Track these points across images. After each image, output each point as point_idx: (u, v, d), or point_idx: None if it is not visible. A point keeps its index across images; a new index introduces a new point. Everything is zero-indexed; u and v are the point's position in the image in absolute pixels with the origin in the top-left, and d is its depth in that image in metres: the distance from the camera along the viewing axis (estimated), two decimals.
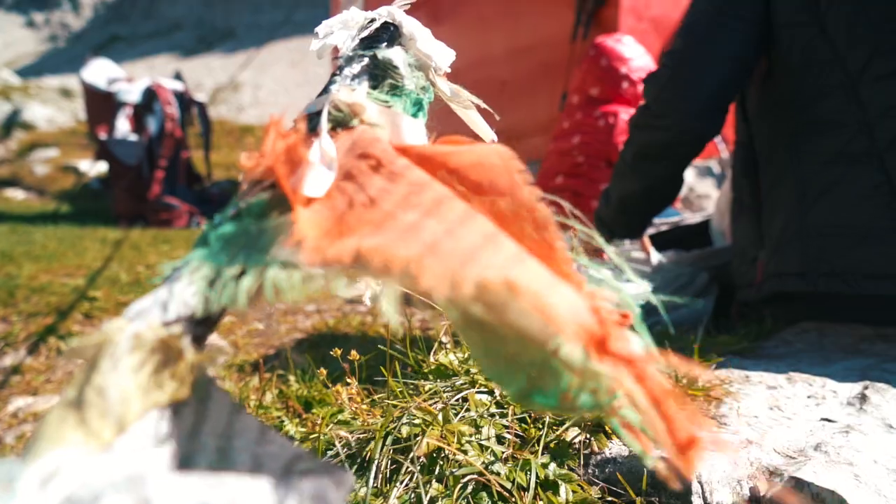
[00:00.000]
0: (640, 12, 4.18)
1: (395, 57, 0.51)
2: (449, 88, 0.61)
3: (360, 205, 0.32)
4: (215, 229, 0.35)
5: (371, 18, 0.58)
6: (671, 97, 1.23)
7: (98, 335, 0.29)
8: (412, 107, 0.52)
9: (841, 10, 1.08)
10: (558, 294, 0.27)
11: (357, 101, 0.43)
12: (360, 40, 0.55)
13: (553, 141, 2.28)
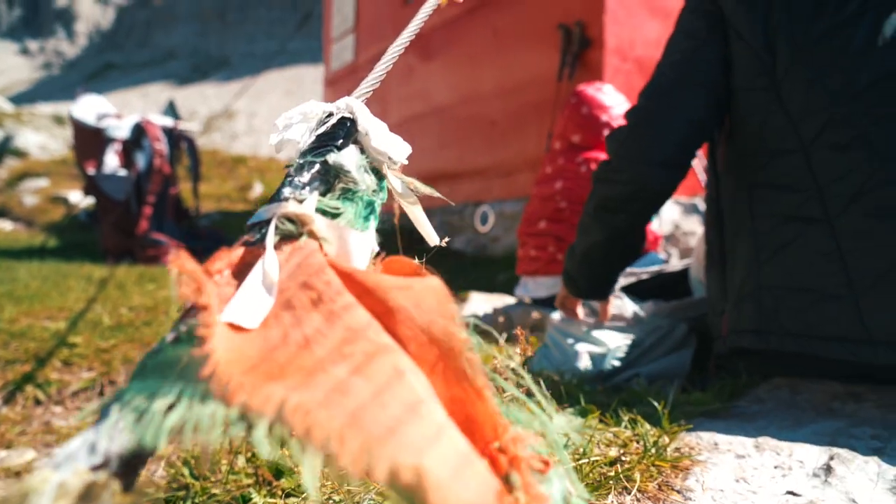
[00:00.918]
0: (624, 53, 4.27)
1: (348, 161, 0.52)
2: (401, 184, 0.62)
3: (294, 343, 0.32)
4: (154, 356, 0.36)
5: (329, 112, 0.60)
6: (629, 153, 1.26)
7: (22, 485, 0.29)
8: (364, 209, 0.53)
9: (797, 80, 1.11)
10: (468, 480, 0.27)
11: (306, 212, 0.44)
12: (317, 136, 0.57)
13: (536, 185, 2.31)
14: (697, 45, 1.26)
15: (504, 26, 4.94)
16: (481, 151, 5.11)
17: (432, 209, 5.67)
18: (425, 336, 0.34)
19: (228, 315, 0.34)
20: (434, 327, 0.34)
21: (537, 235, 2.22)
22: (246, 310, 0.35)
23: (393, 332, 0.34)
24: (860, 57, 1.07)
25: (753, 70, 1.19)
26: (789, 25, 1.15)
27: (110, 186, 4.21)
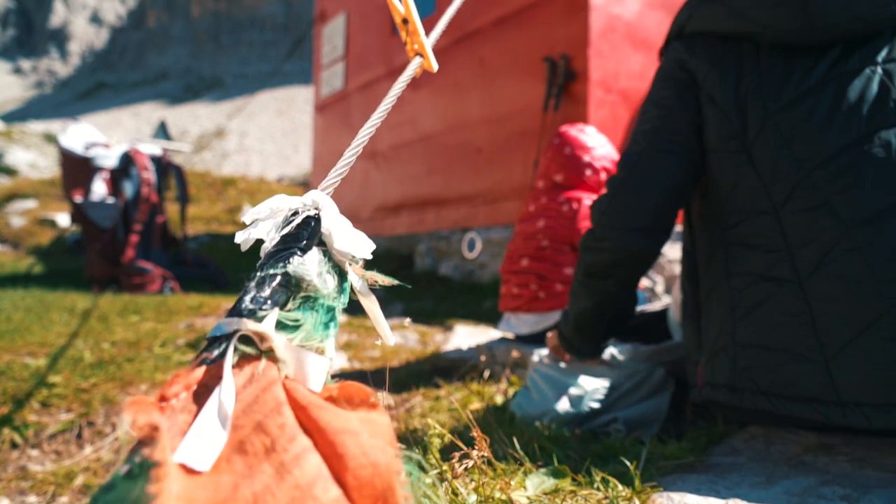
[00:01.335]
0: (608, 85, 4.34)
1: (309, 269, 0.54)
2: (361, 282, 0.63)
3: (243, 500, 0.33)
4: (106, 493, 0.36)
5: (295, 210, 0.61)
6: (611, 222, 1.29)
7: None
8: (325, 315, 0.54)
9: (766, 145, 1.14)
10: None
11: (265, 331, 0.45)
12: (282, 237, 0.58)
13: (519, 223, 2.33)
14: (668, 113, 1.29)
15: (490, 57, 5.01)
16: (468, 178, 5.15)
17: (421, 234, 5.69)
18: (369, 489, 0.35)
19: (181, 455, 0.35)
20: (377, 480, 0.35)
21: (519, 273, 2.24)
22: (199, 449, 0.36)
23: (340, 479, 0.35)
24: (824, 126, 1.10)
25: (726, 133, 1.22)
26: (759, 92, 1.18)
27: (97, 214, 4.21)
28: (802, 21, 1.16)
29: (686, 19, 1.36)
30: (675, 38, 1.39)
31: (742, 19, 1.24)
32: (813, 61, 1.17)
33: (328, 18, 7.37)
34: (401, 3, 1.01)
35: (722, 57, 1.26)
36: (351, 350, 2.73)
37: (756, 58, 1.22)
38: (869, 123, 1.09)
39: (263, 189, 10.76)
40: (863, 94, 1.10)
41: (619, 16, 4.47)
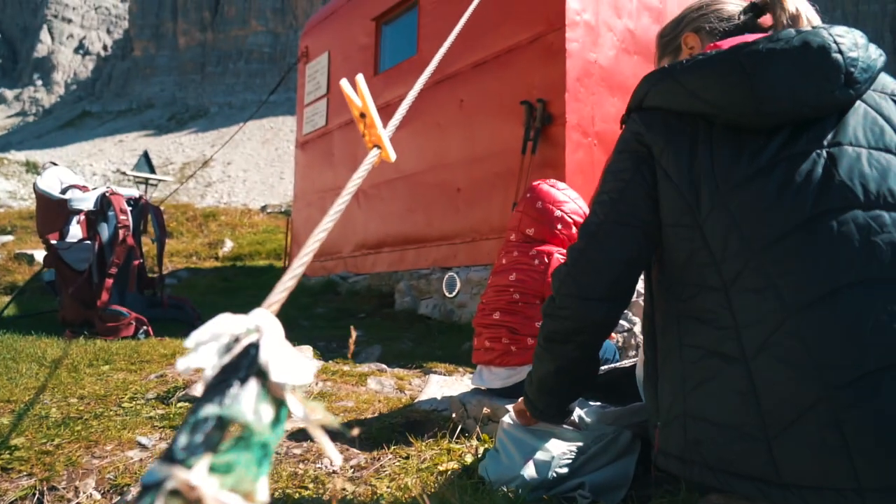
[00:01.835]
0: (585, 129, 4.42)
1: (244, 409, 0.54)
2: (303, 409, 0.64)
3: None
4: None
5: (236, 337, 0.61)
6: (570, 291, 1.31)
7: None
8: (259, 451, 0.54)
9: (717, 223, 1.16)
10: None
11: (195, 481, 0.45)
12: (221, 369, 0.58)
13: (492, 276, 2.35)
14: (625, 186, 1.32)
15: (470, 99, 5.09)
16: (448, 218, 5.18)
17: (401, 272, 5.69)
18: None
19: None
20: None
21: (491, 326, 2.25)
22: None
23: None
24: (771, 207, 1.13)
25: (679, 208, 1.24)
26: (711, 170, 1.21)
27: (72, 256, 4.17)
28: (752, 106, 1.19)
29: (644, 94, 1.39)
30: (635, 110, 1.42)
31: (695, 99, 1.27)
32: (763, 142, 1.20)
33: (311, 56, 7.46)
34: (357, 98, 1.03)
35: (677, 133, 1.29)
36: (324, 400, 2.71)
37: (709, 136, 1.26)
38: (813, 207, 1.11)
39: (245, 222, 10.72)
40: (809, 177, 1.13)
41: (595, 61, 4.58)
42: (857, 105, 1.20)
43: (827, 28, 1.21)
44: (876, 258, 1.07)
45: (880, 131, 1.18)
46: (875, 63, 1.21)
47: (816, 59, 1.17)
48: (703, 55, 1.27)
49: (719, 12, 1.48)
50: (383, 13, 6.30)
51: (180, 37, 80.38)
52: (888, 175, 1.12)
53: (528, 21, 4.68)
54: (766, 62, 1.19)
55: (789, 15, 1.34)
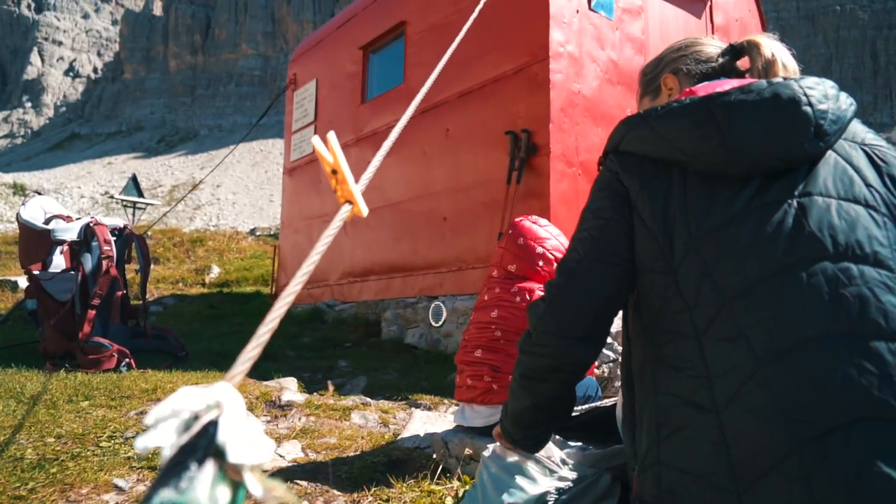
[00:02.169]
0: (569, 159, 4.46)
1: (199, 494, 0.53)
2: (262, 489, 0.63)
3: None
4: None
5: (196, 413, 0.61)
6: (547, 328, 1.30)
7: None
8: None
9: (690, 270, 1.16)
10: None
11: None
12: (179, 448, 0.58)
13: (474, 311, 2.35)
14: (605, 223, 1.32)
15: (456, 128, 5.13)
16: (434, 246, 5.19)
17: (388, 300, 5.68)
18: None
19: None
20: None
21: (473, 364, 2.24)
22: None
23: None
24: (743, 257, 1.13)
25: (654, 253, 1.25)
26: (685, 216, 1.21)
27: (54, 287, 4.13)
28: (723, 156, 1.21)
29: (621, 138, 1.41)
30: (612, 153, 1.44)
31: (670, 147, 1.28)
32: (735, 190, 1.21)
33: (299, 84, 7.51)
34: (328, 154, 1.04)
35: (651, 179, 1.30)
36: (306, 437, 2.68)
37: (683, 183, 1.27)
38: (784, 257, 1.12)
39: (232, 248, 10.67)
40: (779, 227, 1.14)
41: (579, 92, 4.64)
42: (828, 155, 1.22)
43: (798, 79, 1.23)
44: (844, 311, 1.08)
45: (850, 182, 1.19)
46: (845, 114, 1.23)
47: (787, 112, 1.19)
48: (678, 102, 1.28)
49: (698, 54, 1.50)
50: (370, 42, 6.37)
51: (171, 60, 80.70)
52: (856, 227, 1.14)
53: (512, 52, 4.74)
54: (738, 113, 1.21)
55: (765, 60, 1.37)
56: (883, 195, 1.18)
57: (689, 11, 5.77)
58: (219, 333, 5.74)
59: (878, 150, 1.24)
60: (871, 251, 1.11)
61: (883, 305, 1.07)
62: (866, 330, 1.06)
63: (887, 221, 1.15)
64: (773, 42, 1.43)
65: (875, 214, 1.15)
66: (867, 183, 1.19)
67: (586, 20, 4.78)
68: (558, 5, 4.59)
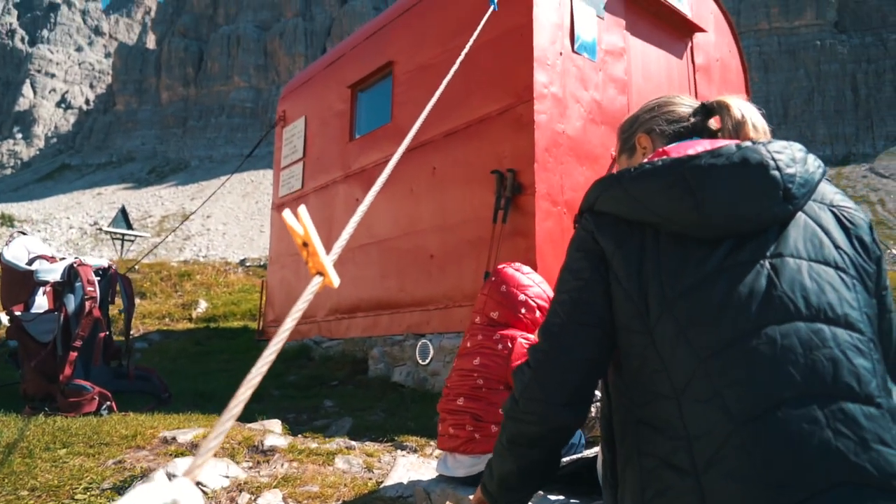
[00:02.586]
0: (554, 198, 4.51)
1: None
2: None
3: None
4: None
5: None
6: (533, 395, 1.30)
7: None
8: None
9: (665, 330, 1.17)
10: None
11: None
12: None
13: (457, 358, 2.35)
14: (582, 285, 1.32)
15: (442, 166, 5.18)
16: (421, 284, 5.19)
17: (375, 338, 5.65)
18: None
19: None
20: None
21: (455, 413, 2.23)
22: None
23: None
24: (716, 317, 1.14)
25: (630, 312, 1.25)
26: (658, 277, 1.22)
27: (36, 328, 4.08)
28: (694, 218, 1.22)
29: (595, 198, 1.43)
30: (587, 211, 1.45)
31: (642, 208, 1.30)
32: (708, 251, 1.23)
33: (289, 120, 7.58)
34: (299, 227, 1.05)
35: (626, 239, 1.32)
36: (288, 485, 2.64)
37: (657, 244, 1.28)
38: (757, 318, 1.13)
39: (221, 282, 10.61)
40: (752, 288, 1.15)
41: (563, 132, 4.71)
42: (798, 216, 1.24)
43: (766, 144, 1.25)
44: (818, 373, 1.09)
45: (819, 243, 1.21)
46: (813, 176, 1.25)
47: (755, 176, 1.21)
48: (651, 164, 1.31)
49: (670, 114, 1.53)
50: (359, 80, 6.46)
51: (163, 92, 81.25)
52: (827, 288, 1.15)
53: (497, 93, 4.82)
54: (707, 177, 1.23)
55: (735, 121, 1.40)
56: (851, 257, 1.20)
57: (671, 52, 5.91)
58: (204, 372, 5.68)
59: (845, 212, 1.26)
60: (843, 313, 1.12)
61: (855, 368, 1.08)
62: (840, 393, 1.07)
63: (856, 283, 1.17)
64: (743, 103, 1.46)
65: (844, 276, 1.17)
66: (836, 245, 1.21)
67: (570, 62, 4.88)
68: (542, 48, 4.69)
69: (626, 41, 5.43)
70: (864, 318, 1.14)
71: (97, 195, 61.47)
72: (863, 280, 1.20)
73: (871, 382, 1.08)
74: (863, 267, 1.21)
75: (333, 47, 28.92)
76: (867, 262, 1.23)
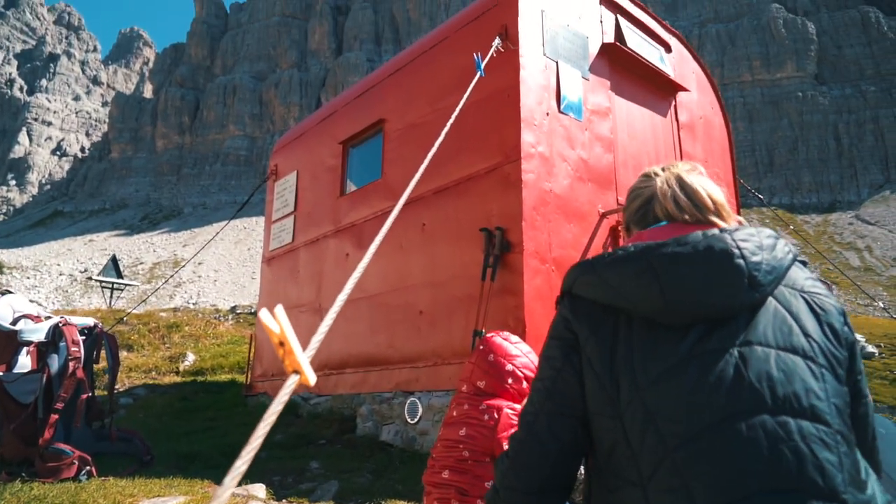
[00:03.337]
0: (542, 256, 4.54)
1: None
2: None
3: None
4: None
5: None
6: (511, 484, 1.30)
7: None
8: None
9: (635, 416, 1.17)
10: None
11: None
12: None
13: (443, 427, 2.32)
14: (556, 374, 1.34)
15: (432, 223, 5.22)
16: (411, 340, 5.16)
17: (363, 395, 5.58)
18: None
19: None
20: None
21: (441, 486, 2.19)
22: None
23: None
24: (684, 406, 1.14)
25: (602, 398, 1.26)
26: (630, 363, 1.23)
27: (18, 389, 4.01)
28: (661, 306, 1.24)
29: (572, 282, 1.45)
30: (566, 294, 1.47)
31: (615, 295, 1.32)
32: (678, 337, 1.24)
33: (280, 175, 7.65)
34: (276, 326, 1.06)
35: (600, 324, 1.33)
36: None
37: (629, 329, 1.29)
38: (725, 408, 1.13)
39: (209, 333, 10.50)
40: (721, 377, 1.16)
41: (551, 190, 4.77)
42: (768, 302, 1.25)
43: (732, 231, 1.27)
44: (783, 467, 1.09)
45: (788, 331, 1.22)
46: (782, 263, 1.27)
47: (720, 265, 1.23)
48: (623, 250, 1.33)
49: (631, 210, 1.55)
50: (350, 137, 6.56)
51: (158, 140, 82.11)
52: (794, 378, 1.16)
53: (486, 152, 4.91)
54: (674, 266, 1.25)
55: (663, 209, 1.41)
56: (821, 344, 1.21)
57: (655, 111, 6.06)
58: (189, 431, 5.56)
59: (816, 299, 1.27)
60: (809, 405, 1.12)
61: (820, 462, 1.08)
62: (804, 487, 1.07)
63: (825, 373, 1.17)
64: (677, 178, 1.44)
65: (812, 365, 1.17)
66: (805, 332, 1.21)
67: (556, 122, 4.99)
68: (529, 109, 4.80)
69: (611, 101, 5.57)
70: (831, 408, 1.15)
71: (89, 242, 61.32)
72: (832, 368, 1.20)
73: (836, 477, 1.08)
74: (833, 354, 1.22)
75: (327, 97, 28.99)
76: (838, 348, 1.24)
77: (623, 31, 5.86)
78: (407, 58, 6.18)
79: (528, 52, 4.92)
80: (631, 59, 5.77)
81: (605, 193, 5.22)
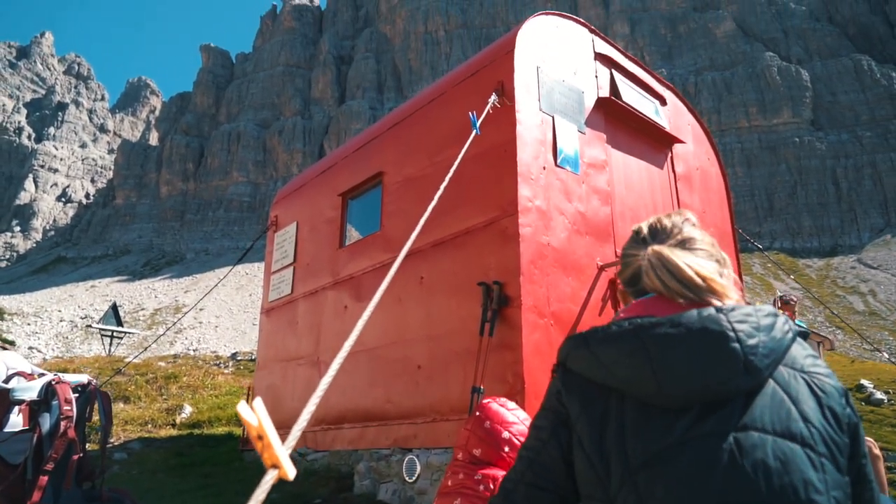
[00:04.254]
0: (541, 310, 4.51)
1: None
2: None
3: None
4: None
5: None
6: None
7: None
8: None
9: (627, 500, 1.14)
10: None
11: None
12: None
13: (437, 497, 2.26)
14: (541, 446, 1.31)
15: (430, 276, 5.22)
16: (409, 395, 5.09)
17: (361, 451, 5.47)
18: None
19: None
20: None
21: None
22: None
23: None
24: (677, 493, 1.11)
25: (592, 480, 1.23)
26: (622, 444, 1.20)
27: (7, 449, 3.92)
28: (654, 388, 1.21)
29: (566, 355, 1.42)
30: (561, 365, 1.44)
31: (607, 373, 1.29)
32: (671, 420, 1.20)
33: (280, 226, 7.70)
34: (254, 420, 1.04)
35: (591, 402, 1.30)
36: None
37: (621, 410, 1.26)
38: (719, 496, 1.10)
39: (208, 384, 10.38)
40: (715, 464, 1.12)
41: (548, 244, 4.78)
42: (767, 384, 1.21)
43: (729, 311, 1.23)
44: None
45: (787, 415, 1.18)
46: (781, 344, 1.22)
47: (714, 349, 1.19)
48: (618, 326, 1.30)
49: (624, 277, 1.52)
50: (350, 189, 6.62)
51: (162, 186, 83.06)
52: (790, 468, 1.12)
53: (483, 206, 4.93)
54: (667, 348, 1.22)
55: (652, 285, 1.37)
56: (821, 430, 1.16)
57: (652, 163, 6.12)
58: (182, 490, 5.44)
59: (816, 380, 1.22)
60: (807, 498, 1.08)
61: None
62: None
63: (825, 462, 1.14)
64: (668, 256, 1.39)
65: (812, 454, 1.13)
66: (805, 417, 1.17)
67: (553, 175, 5.03)
68: (526, 163, 4.85)
69: (607, 154, 5.63)
70: (831, 502, 1.11)
71: (90, 288, 61.34)
72: (833, 457, 1.16)
73: None
74: (833, 441, 1.18)
75: (330, 144, 29.20)
76: (839, 434, 1.20)
77: (618, 85, 5.98)
78: (406, 112, 6.29)
79: (525, 108, 5.00)
80: (626, 113, 5.86)
81: (602, 246, 5.22)
